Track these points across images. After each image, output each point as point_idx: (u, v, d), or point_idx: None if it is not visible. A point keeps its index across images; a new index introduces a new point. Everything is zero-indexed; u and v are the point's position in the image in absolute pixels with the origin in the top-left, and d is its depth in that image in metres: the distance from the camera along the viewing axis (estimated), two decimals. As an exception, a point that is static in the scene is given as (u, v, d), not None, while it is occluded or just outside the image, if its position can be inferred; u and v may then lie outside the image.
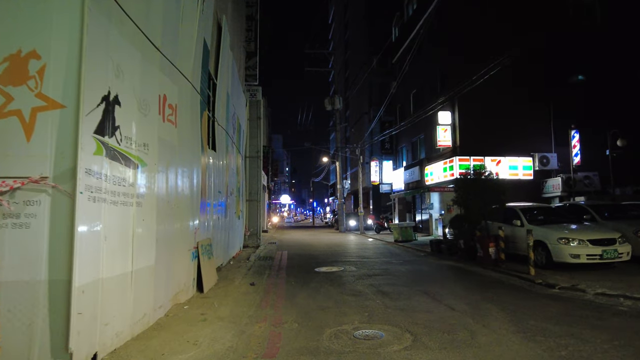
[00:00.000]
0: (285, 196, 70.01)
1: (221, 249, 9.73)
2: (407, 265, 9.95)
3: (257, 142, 16.20)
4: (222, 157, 9.82)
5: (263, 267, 9.97)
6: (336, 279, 8.01)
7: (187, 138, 6.47)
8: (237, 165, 13.08)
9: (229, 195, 11.08)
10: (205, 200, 7.67)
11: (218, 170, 9.22)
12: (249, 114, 16.35)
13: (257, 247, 15.34)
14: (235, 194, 12.47)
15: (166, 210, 5.46)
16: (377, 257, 11.91)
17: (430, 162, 18.90)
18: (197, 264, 6.88)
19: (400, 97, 23.51)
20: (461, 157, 16.03)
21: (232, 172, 11.74)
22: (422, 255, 12.38)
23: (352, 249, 14.70)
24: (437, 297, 6.32)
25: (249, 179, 15.98)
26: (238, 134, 13.39)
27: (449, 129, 16.64)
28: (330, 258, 11.63)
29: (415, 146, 21.83)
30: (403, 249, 14.25)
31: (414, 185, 20.96)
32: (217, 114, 9.32)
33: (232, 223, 11.88)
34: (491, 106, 16.36)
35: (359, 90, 31.92)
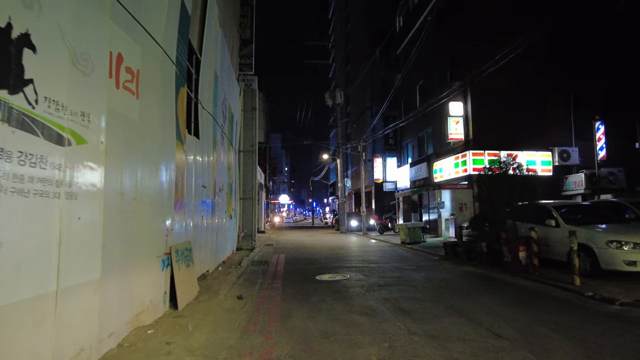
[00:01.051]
0: (284, 196, 68.68)
1: (208, 253, 8.40)
2: (423, 272, 8.60)
3: (252, 135, 14.86)
4: (209, 147, 8.47)
5: (256, 274, 8.62)
6: (341, 291, 6.67)
7: (156, 116, 5.13)
8: (228, 159, 11.75)
9: (218, 192, 9.74)
10: (183, 196, 6.32)
11: (203, 162, 7.88)
12: (243, 104, 15.02)
13: (252, 249, 14.00)
14: (226, 191, 11.14)
15: (121, 206, 4.12)
16: (386, 261, 10.57)
17: (439, 158, 17.57)
18: (169, 273, 5.53)
19: (405, 90, 22.20)
20: (475, 152, 14.71)
21: (222, 166, 10.41)
22: (436, 259, 11.05)
23: (356, 251, 13.35)
24: (473, 316, 4.97)
25: (243, 175, 14.64)
26: (230, 125, 12.06)
27: (460, 121, 15.31)
28: (333, 263, 10.29)
29: (422, 141, 20.50)
30: (413, 252, 12.91)
31: (420, 182, 19.62)
32: (202, 96, 7.98)
33: (222, 223, 10.54)
34: (506, 96, 15.05)
35: (361, 85, 30.60)
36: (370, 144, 27.00)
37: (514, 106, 15.03)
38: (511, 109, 15.01)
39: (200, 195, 7.55)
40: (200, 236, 7.60)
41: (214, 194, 9.08)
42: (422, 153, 20.37)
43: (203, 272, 8.11)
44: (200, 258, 7.67)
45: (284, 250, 13.99)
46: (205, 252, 8.11)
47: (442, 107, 17.15)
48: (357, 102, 33.42)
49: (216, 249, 9.44)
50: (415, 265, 9.68)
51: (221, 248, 10.26)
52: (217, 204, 9.59)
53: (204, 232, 7.98)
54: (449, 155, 16.46)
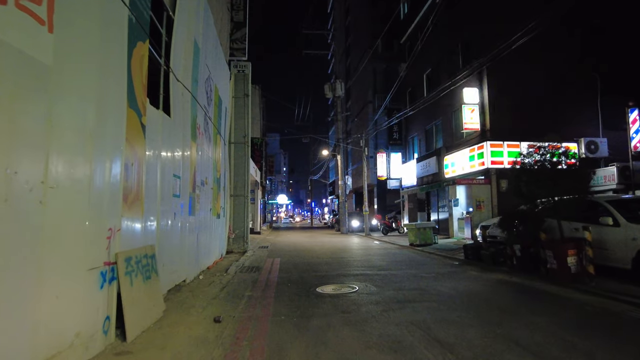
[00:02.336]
0: (282, 196, 67.03)
1: (184, 259, 6.85)
2: (447, 282, 7.06)
3: (244, 124, 13.30)
4: (185, 129, 6.92)
5: (244, 284, 7.07)
6: (351, 310, 5.12)
7: (89, 66, 3.58)
8: (215, 149, 10.21)
9: (200, 185, 8.19)
10: (141, 187, 4.77)
11: (176, 145, 6.33)
12: (234, 90, 13.47)
13: (244, 252, 12.45)
14: (211, 186, 9.59)
15: (8, 192, 2.58)
16: (398, 267, 9.03)
17: (450, 151, 16.05)
18: (115, 291, 3.98)
19: (410, 81, 20.70)
20: (493, 143, 13.19)
21: (206, 155, 8.86)
22: (456, 264, 9.52)
23: (361, 255, 11.81)
24: (546, 353, 3.44)
25: (234, 169, 13.09)
26: (217, 111, 10.53)
27: (476, 109, 13.80)
28: (336, 269, 8.74)
29: (429, 134, 18.99)
30: (426, 256, 11.38)
31: (429, 179, 18.10)
32: (176, 66, 6.44)
33: (207, 223, 9.00)
34: (526, 82, 13.56)
35: (362, 78, 29.08)
36: (373, 139, 25.47)
37: (535, 93, 13.55)
38: (532, 97, 13.52)
39: (170, 188, 6.00)
40: (171, 239, 6.05)
41: (194, 188, 7.53)
42: (430, 147, 18.85)
43: (178, 282, 6.57)
44: (172, 266, 6.12)
45: (280, 253, 12.44)
46: (180, 257, 6.56)
47: (452, 97, 15.65)
48: (358, 96, 31.89)
49: (197, 253, 7.89)
50: (435, 273, 8.13)
51: (205, 252, 8.72)
52: (199, 200, 8.04)
53: (177, 234, 6.43)
54: (462, 147, 14.94)
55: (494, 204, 13.09)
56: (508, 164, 13.17)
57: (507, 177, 13.14)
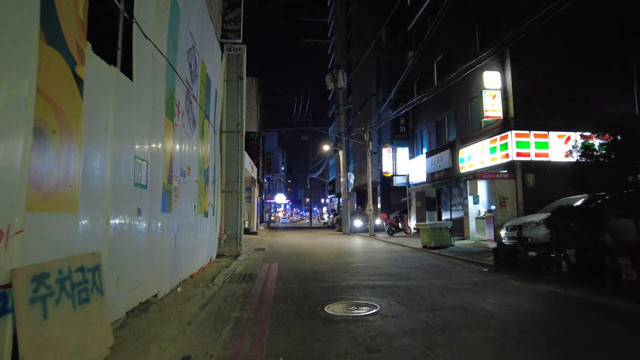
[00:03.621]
0: (280, 195, 65.61)
1: (155, 268, 5.33)
2: (489, 297, 5.56)
3: (238, 112, 11.79)
4: (156, 101, 5.41)
5: (232, 301, 5.56)
6: (380, 347, 3.59)
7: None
8: (202, 136, 8.71)
9: (179, 176, 6.68)
10: (69, 169, 3.25)
11: (139, 118, 4.81)
12: (226, 73, 11.96)
13: (237, 256, 10.94)
14: (196, 178, 8.09)
15: None
16: (420, 275, 7.53)
17: (466, 144, 14.57)
18: (8, 332, 2.46)
19: (418, 70, 19.22)
20: (519, 132, 11.71)
21: (188, 140, 7.35)
22: (486, 271, 8.04)
23: (371, 259, 10.31)
24: None
25: (226, 162, 11.58)
26: (204, 91, 9.02)
27: (498, 94, 12.31)
28: (346, 278, 7.24)
29: (441, 126, 17.50)
30: (446, 260, 9.89)
31: (441, 174, 16.61)
32: (143, 20, 4.93)
33: (190, 222, 7.50)
34: (555, 66, 12.11)
35: (365, 70, 27.57)
36: (376, 134, 23.96)
37: (565, 78, 12.10)
38: (561, 81, 12.07)
39: (131, 175, 4.48)
40: (132, 242, 4.54)
41: (169, 178, 6.02)
42: (441, 140, 17.36)
43: (145, 298, 5.06)
44: (134, 278, 4.62)
45: (278, 257, 10.94)
46: (147, 266, 5.04)
47: (468, 84, 14.19)
48: (361, 89, 30.37)
49: (175, 259, 6.38)
50: (468, 284, 6.63)
51: (187, 257, 7.20)
52: (178, 194, 6.53)
53: (143, 236, 4.91)
54: (481, 139, 13.46)
55: (520, 201, 11.62)
56: (536, 155, 11.72)
57: (534, 171, 11.69)
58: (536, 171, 11.60)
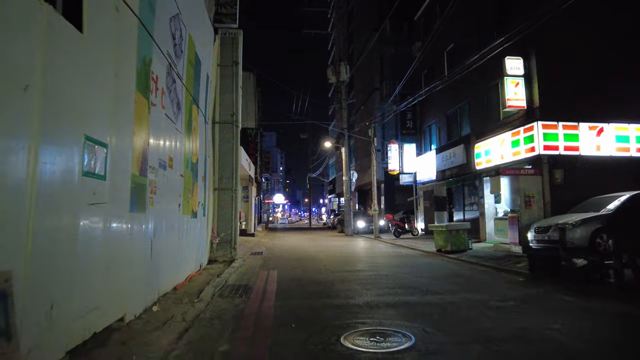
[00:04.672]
0: (279, 195, 64.41)
1: (118, 284, 4.11)
2: (550, 320, 4.35)
3: (232, 100, 10.57)
4: (120, 66, 4.18)
5: (219, 326, 4.35)
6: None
7: None
8: (189, 124, 7.50)
9: (158, 168, 5.45)
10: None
11: (91, 83, 3.59)
12: (219, 57, 10.73)
13: (231, 261, 9.72)
14: (181, 172, 6.87)
15: None
16: (449, 289, 6.31)
17: (482, 138, 13.37)
18: None
19: (426, 62, 18.01)
20: (546, 123, 10.52)
21: (169, 126, 6.13)
22: (523, 281, 6.84)
23: (384, 266, 9.10)
24: None
25: (220, 156, 10.35)
26: (192, 72, 7.81)
27: (521, 82, 11.12)
28: (360, 292, 6.02)
29: (452, 120, 16.31)
30: (469, 267, 8.68)
31: (453, 171, 15.41)
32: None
33: (172, 224, 6.27)
34: (585, 51, 10.95)
35: (367, 64, 26.37)
36: (380, 130, 22.72)
37: (597, 64, 10.93)
38: (593, 68, 10.91)
39: (77, 159, 3.26)
40: (77, 252, 3.29)
41: (142, 169, 4.79)
42: (453, 135, 16.18)
43: (103, 325, 3.83)
44: (82, 301, 3.39)
45: (277, 262, 9.72)
46: (105, 283, 3.82)
47: (484, 73, 13.00)
48: (363, 85, 29.17)
49: (153, 270, 5.17)
50: (511, 299, 5.42)
51: (169, 266, 5.98)
52: (155, 190, 5.30)
53: (99, 242, 3.68)
54: (501, 131, 12.27)
55: (546, 200, 10.44)
56: (565, 149, 10.54)
57: (562, 166, 10.51)
58: (565, 166, 10.42)
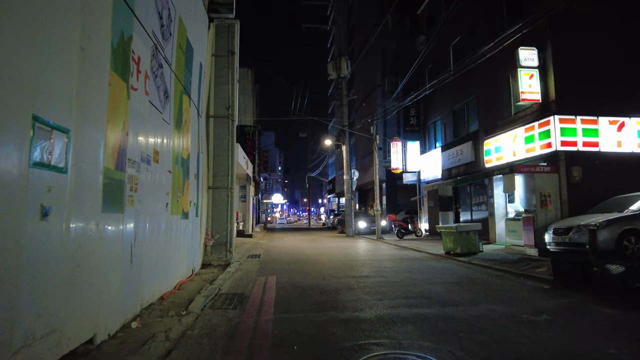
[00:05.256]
0: (277, 195, 63.65)
1: (89, 296, 3.44)
2: (602, 341, 3.68)
3: (228, 92, 9.88)
4: (85, 36, 3.49)
5: (208, 347, 3.68)
6: None
7: None
8: (179, 115, 6.82)
9: (139, 162, 4.78)
10: None
11: (54, 61, 2.90)
12: (214, 46, 10.05)
13: (226, 265, 9.04)
14: (169, 167, 6.19)
15: None
16: (470, 298, 5.64)
17: (492, 134, 12.71)
18: None
19: (430, 57, 17.33)
20: (563, 117, 9.86)
21: (153, 115, 5.44)
22: (548, 289, 6.17)
23: (392, 271, 8.43)
24: None
25: (214, 152, 9.66)
26: (183, 58, 7.15)
27: (536, 74, 10.45)
28: (370, 303, 5.34)
29: (459, 116, 15.64)
30: (485, 272, 8.00)
31: (461, 170, 14.75)
32: None
33: (158, 226, 5.59)
34: (604, 38, 10.30)
35: (369, 60, 25.70)
36: (381, 128, 22.03)
37: (617, 53, 10.30)
38: (613, 58, 10.27)
39: (17, 145, 2.57)
40: (22, 263, 2.61)
41: (119, 163, 4.10)
42: (459, 132, 15.51)
43: (69, 349, 3.15)
44: (35, 323, 2.70)
45: (276, 267, 9.03)
46: (69, 298, 3.14)
47: (494, 66, 12.38)
48: (364, 81, 28.49)
49: (133, 279, 4.50)
50: (544, 312, 4.75)
51: (153, 273, 5.29)
52: (135, 187, 4.62)
53: (55, 250, 2.98)
54: (512, 127, 11.61)
55: (564, 199, 9.77)
56: (584, 145, 9.88)
57: (580, 164, 9.85)
58: (583, 164, 9.77)
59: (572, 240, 8.14)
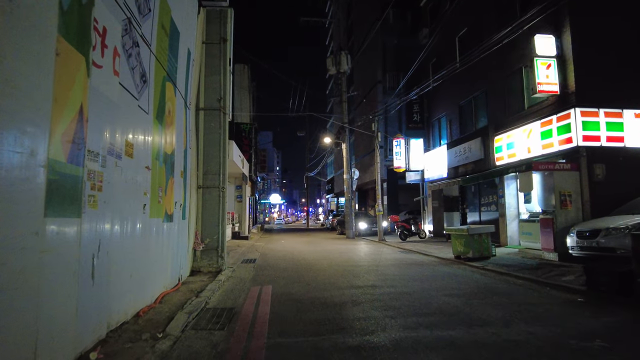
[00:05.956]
0: (275, 195, 62.88)
1: (24, 326, 2.60)
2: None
3: (220, 82, 9.05)
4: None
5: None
6: None
7: None
8: (161, 104, 6.00)
9: (106, 155, 3.97)
10: None
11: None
12: (205, 33, 9.23)
13: (218, 272, 8.22)
14: (150, 164, 5.38)
15: None
16: (499, 316, 4.83)
17: (502, 130, 11.91)
18: None
19: (434, 51, 16.54)
20: (585, 110, 9.06)
21: (130, 103, 4.63)
22: (583, 302, 5.39)
23: (402, 280, 7.61)
24: None
25: (204, 149, 8.84)
26: (167, 41, 6.35)
27: (553, 64, 9.66)
28: (383, 323, 4.52)
29: (465, 112, 14.85)
30: (504, 281, 7.20)
31: (469, 168, 13.94)
32: None
33: (135, 232, 4.78)
34: (630, 21, 9.52)
35: (369, 56, 24.90)
36: (382, 126, 21.22)
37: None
38: (637, 45, 9.48)
39: None
40: None
41: (73, 153, 3.27)
42: (466, 128, 14.71)
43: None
44: None
45: (272, 274, 8.20)
46: None
47: (505, 57, 11.61)
48: (364, 78, 27.67)
49: (100, 295, 3.73)
50: (591, 335, 3.94)
51: (123, 288, 4.47)
52: (100, 185, 3.80)
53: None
54: (526, 122, 10.81)
55: (585, 199, 8.99)
56: (608, 140, 9.11)
57: (604, 160, 9.08)
58: (607, 160, 8.99)
59: (601, 244, 7.36)
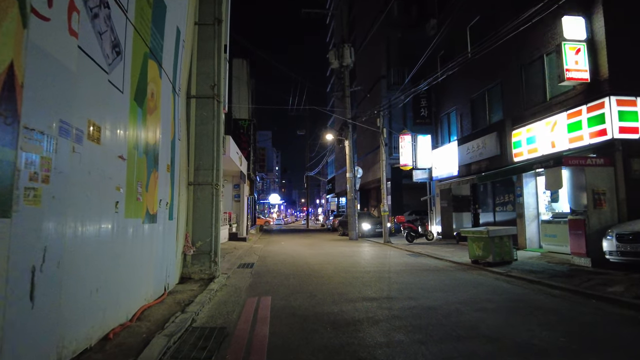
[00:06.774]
0: (274, 195, 62.06)
1: None
2: None
3: (213, 68, 8.13)
4: None
5: None
6: None
7: None
8: (138, 85, 5.08)
9: (61, 136, 3.03)
10: None
11: None
12: (197, 13, 8.29)
13: (211, 279, 7.30)
14: (125, 154, 4.45)
15: None
16: (559, 346, 3.90)
17: (521, 123, 10.99)
18: None
19: (443, 43, 15.62)
20: (621, 99, 8.15)
21: (96, 75, 3.69)
22: (650, 321, 4.47)
23: (420, 290, 6.70)
24: None
25: (196, 140, 7.91)
26: (151, 15, 5.41)
27: (583, 48, 8.75)
28: (411, 350, 3.61)
29: (478, 105, 13.93)
30: (533, 290, 6.28)
31: (482, 165, 13.00)
32: None
33: (102, 236, 3.85)
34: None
35: (372, 51, 24.03)
36: (386, 121, 20.31)
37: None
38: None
39: None
40: None
41: None
42: (479, 123, 13.80)
43: None
44: None
45: (272, 282, 7.28)
46: None
47: (524, 44, 10.73)
48: (367, 73, 26.75)
49: (43, 320, 2.76)
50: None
51: (85, 307, 3.54)
52: (46, 176, 2.87)
53: None
54: (548, 114, 9.89)
55: (621, 198, 8.09)
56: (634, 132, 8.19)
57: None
58: None
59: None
